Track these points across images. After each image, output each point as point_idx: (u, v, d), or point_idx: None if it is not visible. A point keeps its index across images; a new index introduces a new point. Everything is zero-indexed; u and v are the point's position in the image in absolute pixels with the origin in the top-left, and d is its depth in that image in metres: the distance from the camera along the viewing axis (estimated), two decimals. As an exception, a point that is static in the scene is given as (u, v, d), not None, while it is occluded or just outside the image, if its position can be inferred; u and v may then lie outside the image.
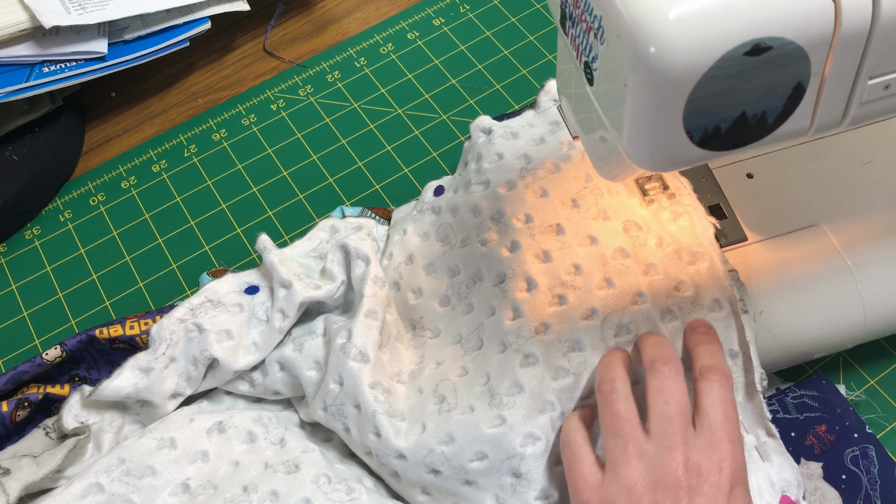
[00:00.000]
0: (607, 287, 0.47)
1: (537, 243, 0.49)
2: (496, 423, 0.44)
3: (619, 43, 0.30)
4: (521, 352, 0.46)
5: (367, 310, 0.49)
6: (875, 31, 0.30)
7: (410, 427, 0.46)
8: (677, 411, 0.40)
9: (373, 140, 0.66)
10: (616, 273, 0.47)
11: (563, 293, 0.46)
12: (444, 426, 0.45)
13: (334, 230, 0.56)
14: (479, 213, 0.52)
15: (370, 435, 0.46)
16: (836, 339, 0.49)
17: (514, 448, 0.43)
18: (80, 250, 0.63)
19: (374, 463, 0.47)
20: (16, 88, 0.62)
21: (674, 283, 0.47)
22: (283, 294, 0.51)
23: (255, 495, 0.45)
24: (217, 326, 0.50)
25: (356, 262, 0.51)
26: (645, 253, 0.48)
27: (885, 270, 0.48)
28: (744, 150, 0.33)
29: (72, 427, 0.49)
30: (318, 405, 0.48)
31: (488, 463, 0.44)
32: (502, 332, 0.47)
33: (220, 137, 0.68)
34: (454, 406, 0.46)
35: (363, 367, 0.47)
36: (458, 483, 0.45)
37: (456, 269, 0.52)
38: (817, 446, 0.47)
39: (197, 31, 0.67)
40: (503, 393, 0.45)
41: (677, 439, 0.39)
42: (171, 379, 0.49)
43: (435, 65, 0.70)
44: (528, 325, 0.46)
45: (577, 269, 0.47)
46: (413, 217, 0.56)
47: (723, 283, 0.47)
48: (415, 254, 0.54)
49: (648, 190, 0.51)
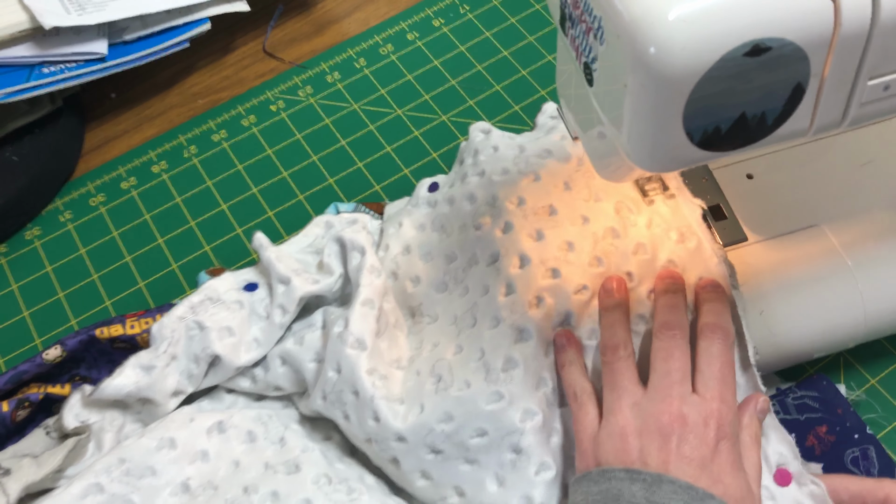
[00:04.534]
0: (598, 265, 0.48)
1: (530, 223, 0.49)
2: (494, 400, 0.44)
3: (619, 43, 0.31)
4: (515, 327, 0.46)
5: (363, 298, 0.49)
6: (875, 32, 0.30)
7: (409, 409, 0.46)
8: (674, 368, 0.42)
9: (372, 141, 0.66)
10: (605, 253, 0.48)
11: (557, 267, 0.47)
12: (442, 404, 0.45)
13: (329, 225, 0.57)
14: (474, 201, 0.53)
15: (369, 420, 0.46)
16: (836, 338, 0.49)
17: (513, 424, 0.44)
18: (81, 251, 0.63)
19: (374, 451, 0.47)
20: (16, 89, 0.62)
21: (662, 262, 0.48)
22: (281, 290, 0.51)
23: (255, 496, 0.45)
24: (218, 324, 0.50)
25: (352, 254, 0.52)
26: (635, 232, 0.49)
27: (885, 270, 0.48)
28: (744, 151, 0.33)
29: (72, 426, 0.48)
30: (317, 394, 0.48)
31: (489, 439, 0.44)
32: (496, 307, 0.48)
33: (220, 138, 0.68)
34: (451, 383, 0.46)
35: (360, 353, 0.47)
36: (460, 462, 0.45)
37: (453, 256, 0.52)
38: (818, 447, 0.47)
39: (197, 31, 0.67)
40: (499, 368, 0.45)
41: (671, 392, 0.41)
42: (173, 377, 0.49)
43: (435, 65, 0.70)
44: (522, 299, 0.47)
45: (569, 246, 0.48)
46: (408, 211, 0.56)
47: (710, 261, 0.48)
48: (411, 245, 0.54)
49: (648, 190, 0.51)
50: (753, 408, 0.44)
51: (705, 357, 0.43)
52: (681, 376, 0.42)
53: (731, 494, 0.39)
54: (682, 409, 0.40)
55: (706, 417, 0.40)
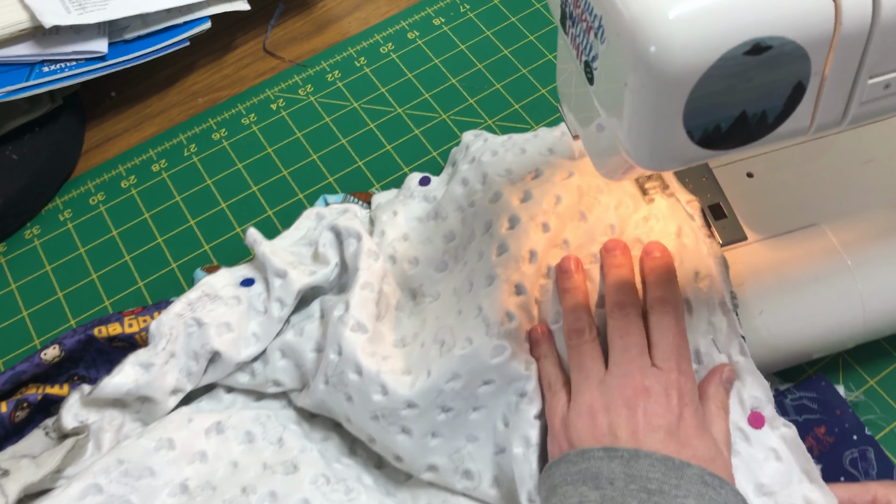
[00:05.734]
0: (580, 219, 0.49)
1: (517, 188, 0.51)
2: (498, 353, 0.46)
3: (620, 42, 0.30)
4: (510, 282, 0.47)
5: (362, 282, 0.50)
6: (875, 31, 0.30)
7: (416, 377, 0.47)
8: (632, 343, 0.44)
9: (373, 139, 0.66)
10: (589, 207, 0.50)
11: (546, 221, 0.49)
12: (448, 365, 0.46)
13: (320, 217, 0.58)
14: (467, 184, 0.54)
15: (375, 396, 0.46)
16: (835, 338, 0.49)
17: (518, 372, 0.46)
18: (80, 250, 0.63)
19: (379, 428, 0.47)
20: (16, 88, 0.62)
21: (642, 216, 0.50)
22: (278, 283, 0.51)
23: (253, 496, 0.45)
24: (216, 320, 0.50)
25: (349, 241, 0.52)
26: (618, 189, 0.50)
27: (885, 270, 0.48)
28: (744, 150, 0.33)
29: (71, 426, 0.48)
30: (319, 380, 0.48)
31: (495, 387, 0.46)
32: (490, 266, 0.49)
33: (220, 137, 0.68)
34: (454, 344, 0.47)
35: (361, 336, 0.48)
36: (469, 412, 0.46)
37: (451, 236, 0.53)
38: (816, 448, 0.47)
39: (197, 30, 0.67)
40: (498, 322, 0.46)
41: (631, 367, 0.43)
42: (172, 374, 0.49)
43: (435, 64, 0.70)
44: (514, 255, 0.48)
45: (557, 200, 0.50)
46: (402, 201, 0.57)
47: (681, 210, 0.50)
48: (409, 232, 0.55)
49: (648, 189, 0.51)
50: (719, 378, 0.45)
51: (658, 330, 0.44)
52: (639, 351, 0.44)
53: (700, 456, 0.40)
54: (644, 382, 0.42)
55: (667, 388, 0.42)
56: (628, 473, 0.39)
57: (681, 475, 0.39)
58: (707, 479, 0.39)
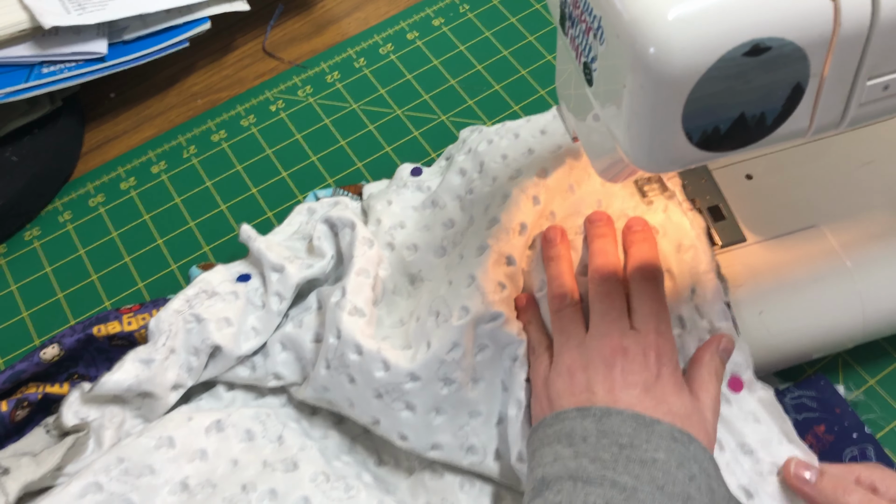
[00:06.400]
0: (568, 191, 0.51)
1: (510, 168, 0.53)
2: (493, 318, 0.47)
3: (619, 43, 0.31)
4: (501, 253, 0.48)
5: (358, 268, 0.50)
6: (874, 32, 0.30)
7: (416, 350, 0.48)
8: (612, 307, 0.45)
9: (372, 141, 0.66)
10: (578, 181, 0.52)
11: (536, 194, 0.50)
12: (447, 335, 0.47)
13: (312, 211, 0.59)
14: (465, 174, 0.55)
15: (377, 373, 0.47)
16: (835, 339, 0.49)
17: (512, 336, 0.47)
18: (80, 251, 0.63)
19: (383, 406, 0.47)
20: (15, 89, 0.62)
21: (629, 191, 0.51)
22: (275, 278, 0.52)
23: (253, 494, 0.45)
24: (215, 315, 0.50)
25: (343, 231, 0.53)
26: None
27: (885, 271, 0.48)
28: (743, 151, 0.33)
29: (72, 424, 0.48)
30: (321, 366, 0.48)
31: (490, 352, 0.47)
32: (481, 238, 0.50)
33: (219, 138, 0.68)
34: (450, 315, 0.47)
35: (359, 319, 0.49)
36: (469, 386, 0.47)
37: (450, 223, 0.54)
38: (816, 447, 0.47)
39: (197, 31, 0.67)
40: (490, 291, 0.47)
41: (610, 329, 0.44)
42: (172, 370, 0.50)
43: (434, 65, 0.70)
44: (505, 227, 0.49)
45: (545, 172, 0.51)
46: (396, 191, 0.57)
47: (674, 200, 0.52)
48: (405, 220, 0.55)
49: (647, 191, 0.51)
50: (716, 347, 0.46)
51: (637, 297, 0.46)
52: (618, 314, 0.45)
53: (675, 412, 0.41)
54: (623, 343, 0.44)
55: (645, 348, 0.43)
56: (600, 430, 0.40)
57: (651, 431, 0.40)
58: (676, 434, 0.40)
